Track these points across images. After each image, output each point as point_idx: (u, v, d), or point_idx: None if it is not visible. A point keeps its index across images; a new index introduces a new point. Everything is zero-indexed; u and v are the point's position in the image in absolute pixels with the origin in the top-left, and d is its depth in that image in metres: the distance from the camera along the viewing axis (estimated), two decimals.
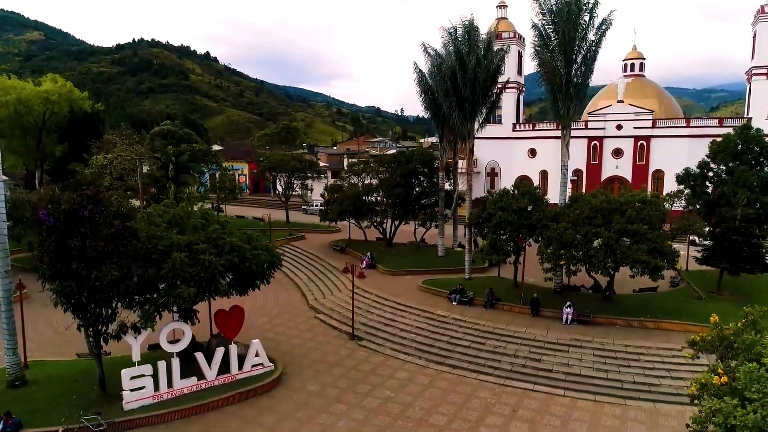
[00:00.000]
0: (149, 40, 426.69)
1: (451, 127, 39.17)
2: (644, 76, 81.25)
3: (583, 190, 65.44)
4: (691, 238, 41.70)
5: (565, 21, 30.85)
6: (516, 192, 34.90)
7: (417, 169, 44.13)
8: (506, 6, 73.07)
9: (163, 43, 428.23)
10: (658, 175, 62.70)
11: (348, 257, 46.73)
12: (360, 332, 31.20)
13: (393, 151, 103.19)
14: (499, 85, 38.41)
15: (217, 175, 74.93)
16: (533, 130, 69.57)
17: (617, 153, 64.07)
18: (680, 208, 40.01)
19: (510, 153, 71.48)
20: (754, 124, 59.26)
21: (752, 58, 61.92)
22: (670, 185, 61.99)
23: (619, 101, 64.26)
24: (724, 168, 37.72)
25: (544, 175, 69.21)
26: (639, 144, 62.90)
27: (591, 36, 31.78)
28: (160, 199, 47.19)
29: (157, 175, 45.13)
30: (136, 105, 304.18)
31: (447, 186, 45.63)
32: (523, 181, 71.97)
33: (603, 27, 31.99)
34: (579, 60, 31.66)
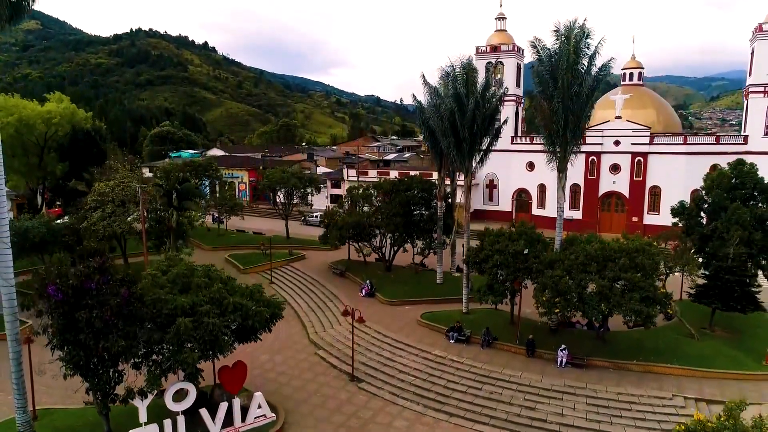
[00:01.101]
0: (147, 30, 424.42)
1: (449, 160, 39.69)
2: (643, 85, 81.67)
3: (581, 205, 66.17)
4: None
5: (564, 68, 31.26)
6: (512, 230, 35.48)
7: (416, 198, 44.70)
8: (505, 18, 73.20)
9: (161, 33, 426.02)
10: (656, 191, 63.29)
11: (348, 283, 47.46)
12: (359, 372, 31.92)
13: (393, 155, 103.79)
14: (497, 123, 38.83)
15: (218, 189, 75.68)
16: (531, 143, 69.95)
17: (615, 168, 64.57)
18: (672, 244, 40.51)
19: (508, 166, 71.93)
20: (751, 142, 60.33)
21: (749, 75, 62.30)
22: (667, 201, 62.76)
23: (617, 117, 64.65)
24: (718, 202, 38.30)
25: (542, 188, 69.75)
26: (636, 160, 63.39)
27: (589, 81, 32.20)
28: (161, 235, 47.86)
29: (159, 202, 45.53)
30: (135, 97, 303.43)
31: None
32: (521, 194, 72.69)
33: (602, 73, 32.43)
34: (576, 105, 32.07)
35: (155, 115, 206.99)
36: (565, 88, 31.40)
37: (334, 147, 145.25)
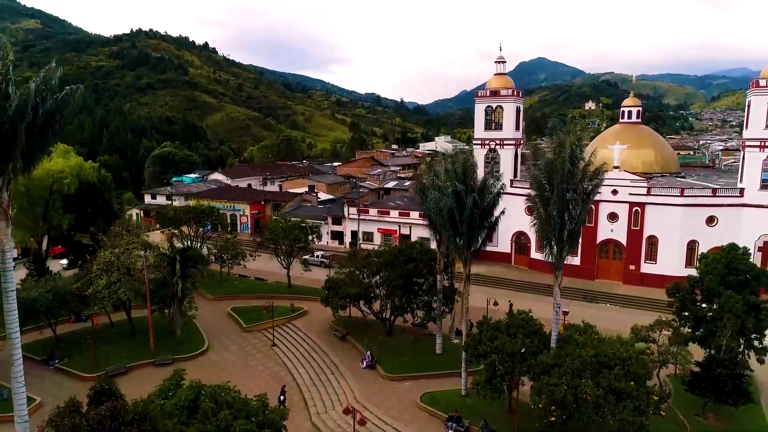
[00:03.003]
0: (147, 30, 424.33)
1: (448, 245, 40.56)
2: (641, 123, 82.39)
3: (579, 251, 66.94)
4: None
5: (560, 177, 32.05)
6: (510, 320, 36.35)
7: (416, 271, 45.62)
8: (504, 62, 73.79)
9: (162, 33, 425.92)
10: (652, 241, 64.07)
11: (349, 349, 48.36)
12: None
13: (393, 183, 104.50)
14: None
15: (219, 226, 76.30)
16: (531, 188, 70.46)
17: (612, 217, 65.34)
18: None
19: (508, 208, 71.80)
20: (747, 195, 61.12)
21: (745, 127, 62.99)
22: (663, 251, 63.82)
23: (615, 167, 65.30)
24: (712, 288, 39.13)
25: None
26: (634, 210, 64.15)
27: (585, 186, 32.98)
28: (165, 298, 48.76)
29: (164, 272, 46.41)
30: (136, 101, 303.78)
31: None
32: (520, 236, 73.51)
33: (596, 178, 33.23)
34: (572, 210, 32.87)
35: (156, 125, 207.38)
36: (561, 196, 32.18)
37: (336, 165, 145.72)
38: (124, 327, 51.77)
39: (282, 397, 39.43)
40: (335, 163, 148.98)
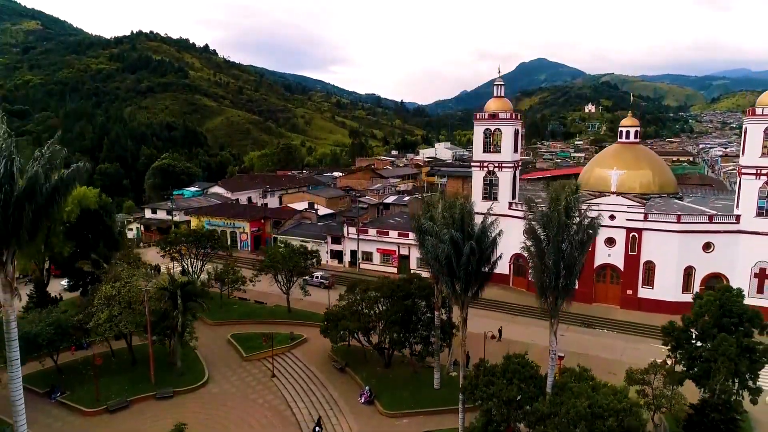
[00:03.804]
0: (148, 32, 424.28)
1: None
2: (638, 143, 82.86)
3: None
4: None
5: (555, 228, 32.51)
6: (506, 364, 36.79)
7: (414, 308, 46.13)
8: (503, 84, 74.20)
9: (162, 35, 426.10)
10: (650, 266, 64.53)
11: (347, 381, 48.84)
12: None
13: (392, 198, 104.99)
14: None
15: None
16: (529, 211, 70.89)
17: (610, 242, 65.79)
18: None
19: (506, 230, 72.24)
20: (743, 222, 61.59)
21: (742, 153, 63.43)
22: (660, 276, 64.27)
23: (612, 192, 65.76)
24: (706, 330, 39.59)
25: None
26: (631, 235, 64.60)
27: (580, 237, 33.44)
28: (165, 330, 49.28)
29: (165, 306, 46.91)
30: (136, 105, 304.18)
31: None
32: (518, 258, 73.93)
33: (591, 230, 33.69)
34: (567, 260, 33.32)
35: (156, 131, 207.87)
36: (556, 248, 32.64)
37: (335, 174, 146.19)
38: (124, 356, 52.28)
39: (318, 429, 40.36)
40: (335, 173, 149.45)
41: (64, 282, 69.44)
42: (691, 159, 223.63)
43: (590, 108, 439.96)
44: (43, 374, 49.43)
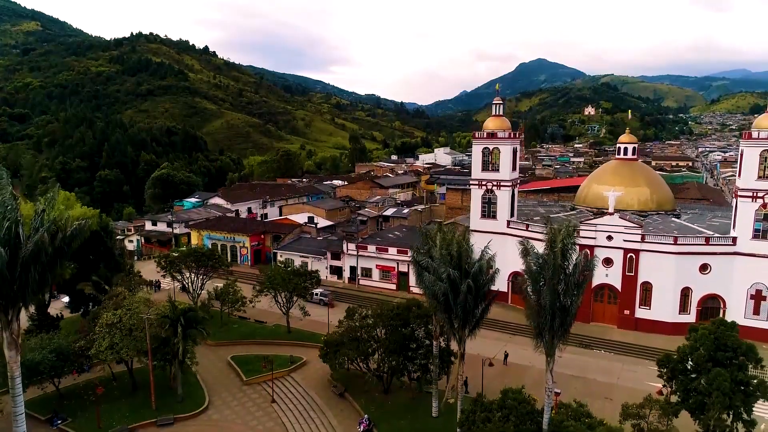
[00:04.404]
0: (147, 34, 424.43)
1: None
2: (636, 159, 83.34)
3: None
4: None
5: (551, 270, 32.99)
6: (502, 400, 37.28)
7: (413, 337, 46.59)
8: (501, 104, 74.58)
9: (162, 37, 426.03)
10: (647, 287, 64.99)
11: (347, 407, 49.26)
12: None
13: (392, 210, 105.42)
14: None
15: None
16: (527, 230, 71.51)
17: (607, 262, 66.21)
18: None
19: (504, 248, 72.61)
20: (739, 244, 62.02)
21: (738, 176, 63.86)
22: (658, 297, 64.77)
23: (609, 213, 66.21)
24: (701, 364, 40.03)
25: None
26: (628, 256, 65.05)
27: (576, 278, 33.93)
28: (166, 356, 49.74)
29: (166, 333, 47.36)
30: (136, 108, 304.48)
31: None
32: (516, 276, 74.35)
33: (587, 271, 34.17)
34: (563, 300, 33.81)
35: (156, 137, 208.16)
36: (552, 289, 33.11)
37: (335, 183, 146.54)
38: (125, 379, 52.70)
39: None
40: (335, 182, 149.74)
41: (65, 299, 69.97)
42: (690, 164, 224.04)
43: (590, 110, 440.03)
44: (44, 399, 49.80)
